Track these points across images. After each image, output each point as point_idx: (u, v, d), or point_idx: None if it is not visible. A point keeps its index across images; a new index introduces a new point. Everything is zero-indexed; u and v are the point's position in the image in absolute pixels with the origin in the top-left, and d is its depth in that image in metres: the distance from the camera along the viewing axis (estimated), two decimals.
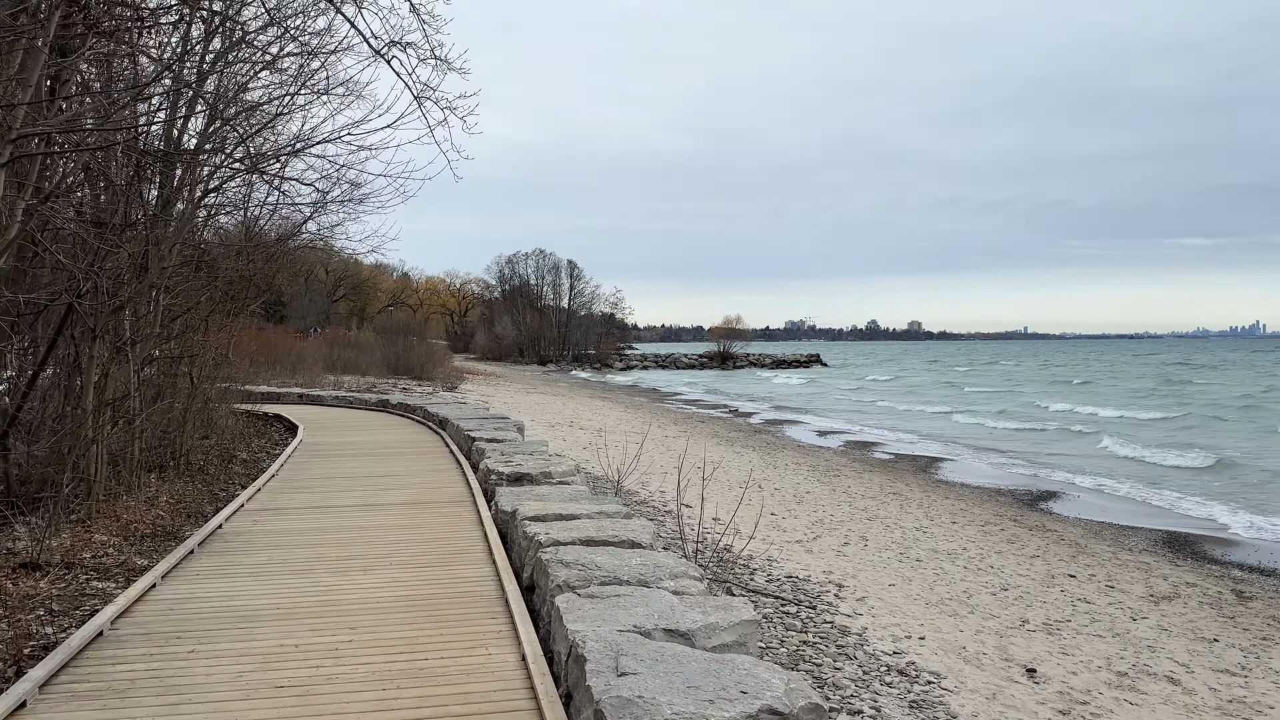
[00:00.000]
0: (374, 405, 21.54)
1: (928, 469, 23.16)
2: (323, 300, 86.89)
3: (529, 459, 10.07)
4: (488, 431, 13.11)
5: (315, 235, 15.22)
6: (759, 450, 24.55)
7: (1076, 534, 15.02)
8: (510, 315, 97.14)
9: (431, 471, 11.34)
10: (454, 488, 10.04)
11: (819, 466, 21.79)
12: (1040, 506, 18.14)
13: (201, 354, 12.14)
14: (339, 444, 14.35)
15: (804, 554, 11.74)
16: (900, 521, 14.91)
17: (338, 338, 53.90)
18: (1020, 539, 14.13)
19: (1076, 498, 19.22)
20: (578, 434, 24.78)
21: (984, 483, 20.99)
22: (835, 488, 18.35)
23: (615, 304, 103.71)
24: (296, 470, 11.63)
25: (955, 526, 14.87)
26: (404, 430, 16.59)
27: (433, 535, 7.67)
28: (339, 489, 10.15)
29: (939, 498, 18.09)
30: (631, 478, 15.41)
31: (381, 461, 12.29)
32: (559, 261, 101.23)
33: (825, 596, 9.52)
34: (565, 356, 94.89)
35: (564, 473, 9.26)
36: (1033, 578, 11.56)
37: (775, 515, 14.48)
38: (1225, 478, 22.32)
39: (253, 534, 7.87)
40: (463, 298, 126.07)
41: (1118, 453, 26.99)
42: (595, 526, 6.26)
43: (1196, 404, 45.40)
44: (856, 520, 14.66)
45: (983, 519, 15.80)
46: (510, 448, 11.22)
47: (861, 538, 13.17)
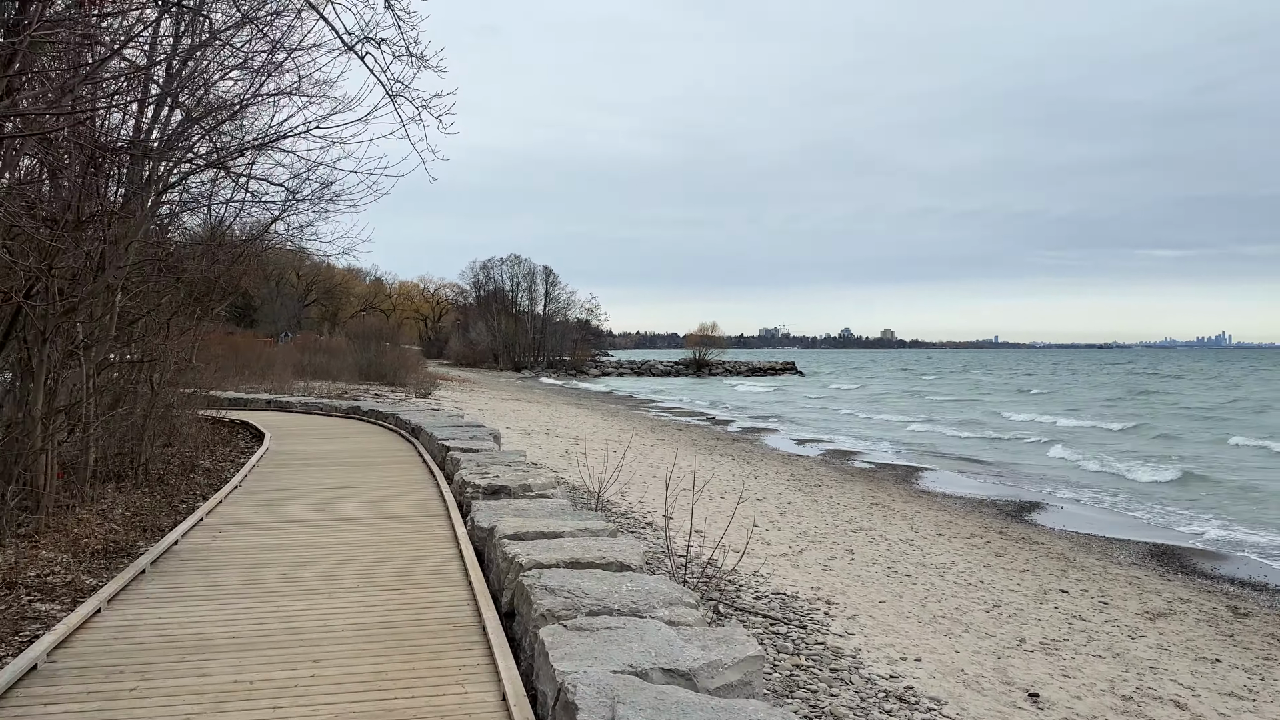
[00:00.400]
0: (344, 412, 20.97)
1: (908, 479, 22.89)
2: (294, 305, 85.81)
3: (506, 470, 9.61)
4: (463, 440, 12.64)
5: (284, 235, 14.67)
6: (738, 459, 24.18)
7: (1064, 547, 14.74)
8: (485, 321, 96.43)
9: (403, 483, 10.86)
10: (427, 501, 9.57)
11: (800, 476, 21.45)
12: (1024, 518, 17.87)
13: (163, 358, 11.59)
14: (306, 453, 13.82)
15: (790, 568, 11.36)
16: (885, 534, 14.57)
17: (309, 343, 53.10)
18: (1008, 552, 13.83)
19: (1059, 509, 18.99)
20: (554, 442, 24.30)
21: (965, 493, 20.73)
22: (818, 498, 18.00)
23: (591, 310, 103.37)
24: (261, 481, 11.10)
25: (941, 539, 14.54)
26: (375, 438, 16.06)
27: (404, 553, 7.20)
28: (305, 501, 9.65)
29: (922, 509, 17.78)
30: (611, 488, 14.97)
31: (351, 472, 11.78)
32: (534, 267, 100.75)
33: (815, 615, 9.13)
34: (540, 363, 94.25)
35: (543, 485, 8.81)
36: (1025, 593, 11.23)
37: (759, 527, 14.09)
38: (1195, 490, 22.17)
39: (210, 551, 7.37)
40: (437, 303, 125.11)
41: (1088, 466, 26.72)
42: (580, 546, 5.83)
43: (1160, 415, 45.42)
44: (841, 532, 14.30)
45: (968, 531, 15.50)
46: (486, 458, 10.76)
47: (848, 551, 12.81)
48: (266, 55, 10.51)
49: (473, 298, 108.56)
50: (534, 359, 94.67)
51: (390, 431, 17.07)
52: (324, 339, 61.31)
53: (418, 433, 15.16)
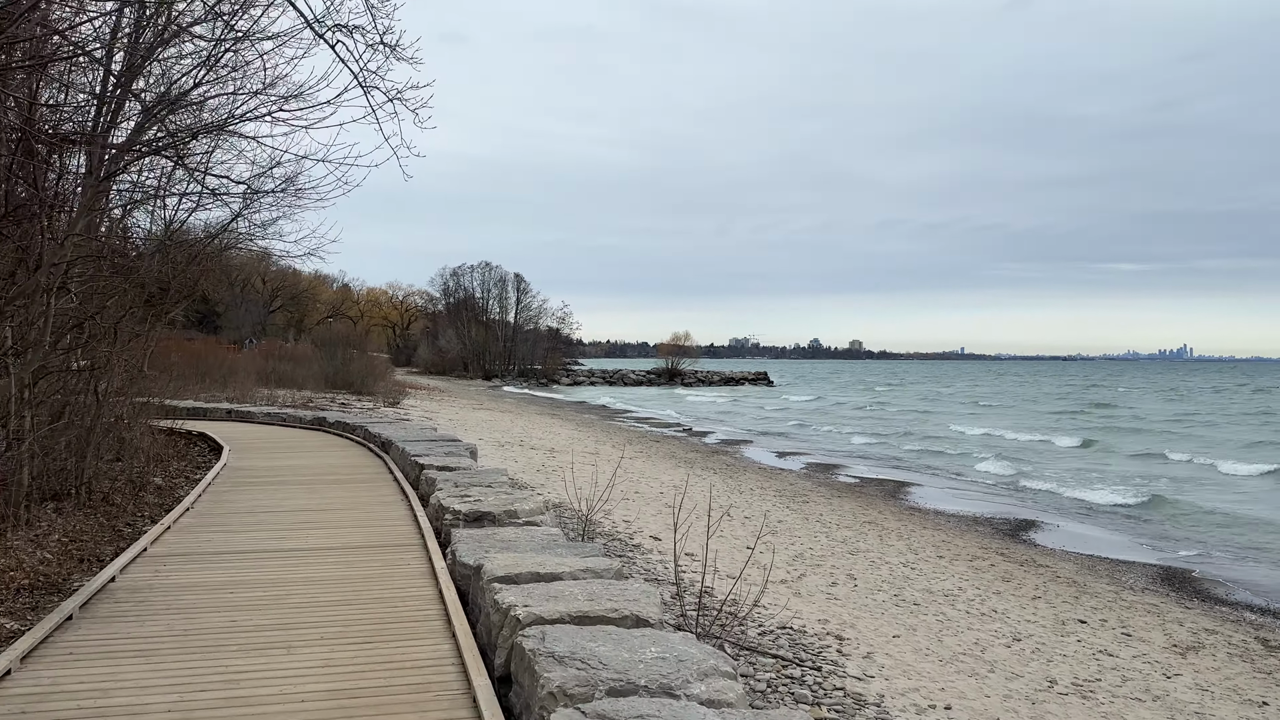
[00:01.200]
0: (310, 423, 19.93)
1: (896, 495, 22.19)
2: (259, 310, 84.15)
3: (489, 493, 8.72)
4: (438, 457, 11.72)
5: (246, 234, 13.68)
6: (720, 473, 23.38)
7: (1070, 570, 14.05)
8: (455, 328, 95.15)
9: (373, 504, 9.92)
10: (400, 527, 8.65)
11: (786, 491, 20.68)
12: (1022, 537, 17.21)
13: (108, 366, 10.58)
14: (267, 469, 12.82)
15: (792, 596, 10.55)
16: (884, 556, 13.81)
17: (274, 349, 51.73)
18: (1015, 576, 13.11)
19: (1055, 528, 18.35)
20: (529, 454, 23.37)
21: (957, 510, 20.06)
22: (808, 515, 17.23)
23: (563, 319, 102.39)
24: (216, 502, 10.13)
25: (943, 561, 13.81)
26: (342, 453, 15.08)
27: (376, 594, 6.29)
28: (263, 527, 8.69)
29: (917, 527, 17.07)
30: (597, 507, 14.10)
31: (315, 492, 10.82)
32: (505, 274, 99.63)
33: (827, 653, 8.32)
34: (511, 371, 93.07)
35: (531, 511, 7.93)
36: (1042, 624, 10.49)
37: (752, 549, 13.27)
38: (1165, 510, 21.44)
39: (152, 590, 6.42)
40: (405, 310, 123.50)
41: (1035, 486, 25.67)
42: (585, 592, 4.97)
43: (1117, 432, 43.81)
44: (839, 555, 13.52)
45: (969, 552, 14.78)
46: (465, 477, 9.85)
47: (849, 575, 12.02)
48: (230, 45, 9.60)
49: (442, 305, 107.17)
50: (504, 368, 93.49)
51: (358, 445, 16.08)
52: (289, 346, 59.92)
53: (388, 447, 14.21)
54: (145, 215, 12.90)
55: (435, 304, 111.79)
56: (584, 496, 13.33)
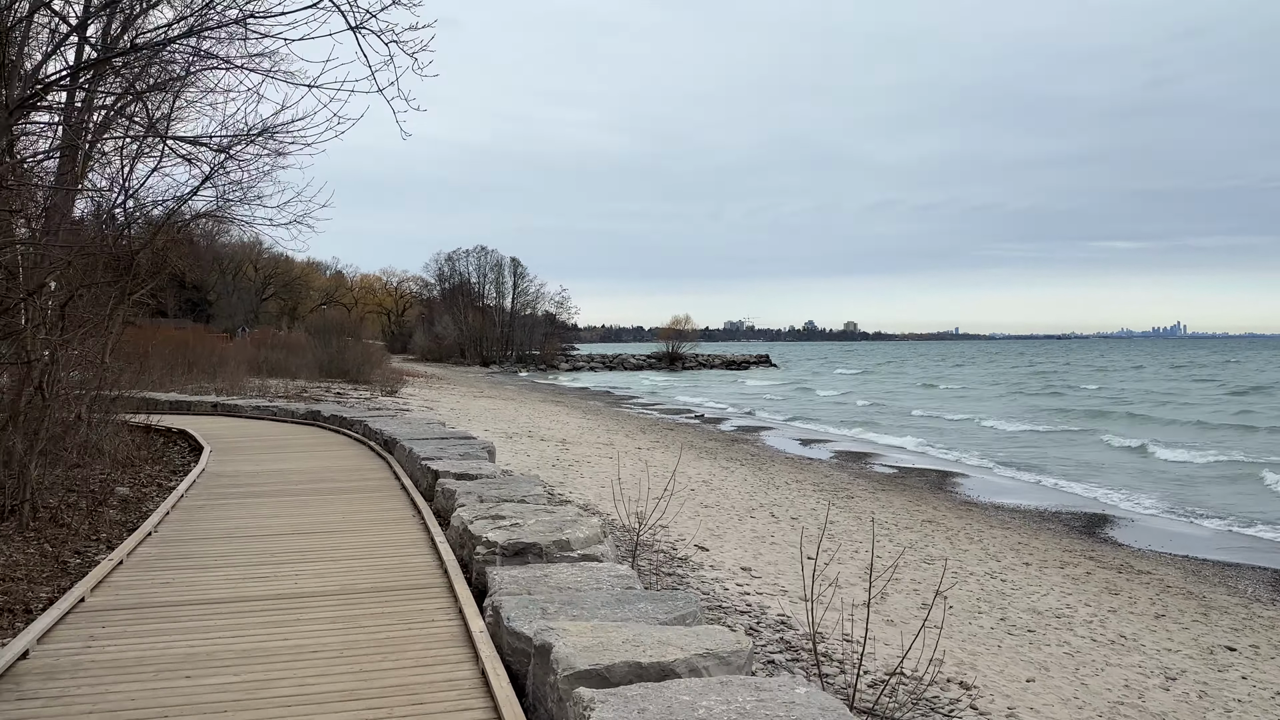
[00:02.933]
0: (302, 417, 18.06)
1: (943, 486, 20.43)
2: (251, 299, 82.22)
3: (525, 512, 6.88)
4: (452, 459, 9.88)
5: (220, 199, 11.79)
6: (748, 465, 21.59)
7: (1175, 576, 12.29)
8: (451, 314, 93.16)
9: (379, 524, 8.08)
10: (415, 558, 6.81)
11: (824, 485, 18.90)
12: (1099, 534, 15.46)
13: (51, 358, 8.71)
14: (252, 475, 10.96)
15: (885, 626, 8.76)
16: (963, 563, 12.04)
17: (266, 338, 49.80)
18: (1120, 587, 11.33)
19: (1129, 522, 16.59)
20: (540, 447, 21.54)
21: (1017, 503, 18.30)
22: (859, 515, 15.45)
23: (561, 303, 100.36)
24: (186, 522, 8.28)
25: (1031, 570, 12.04)
26: (338, 453, 13.22)
27: (391, 680, 4.45)
28: (238, 560, 6.85)
29: (983, 526, 15.30)
30: (614, 505, 12.31)
31: (306, 506, 8.97)
32: (501, 259, 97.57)
33: (961, 711, 6.54)
34: (509, 357, 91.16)
35: (586, 540, 6.10)
36: (1188, 654, 8.73)
37: (812, 560, 11.48)
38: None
39: (76, 674, 4.58)
40: (400, 296, 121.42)
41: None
42: (723, 703, 3.14)
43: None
44: (912, 565, 11.74)
45: (1054, 557, 13.02)
46: (490, 488, 8.02)
47: (940, 595, 10.23)
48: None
49: (437, 291, 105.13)
50: (502, 354, 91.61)
51: (357, 443, 14.23)
52: (283, 334, 58.01)
53: (392, 446, 12.37)
54: (99, 178, 10.98)
55: (430, 290, 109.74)
56: (617, 497, 11.53)
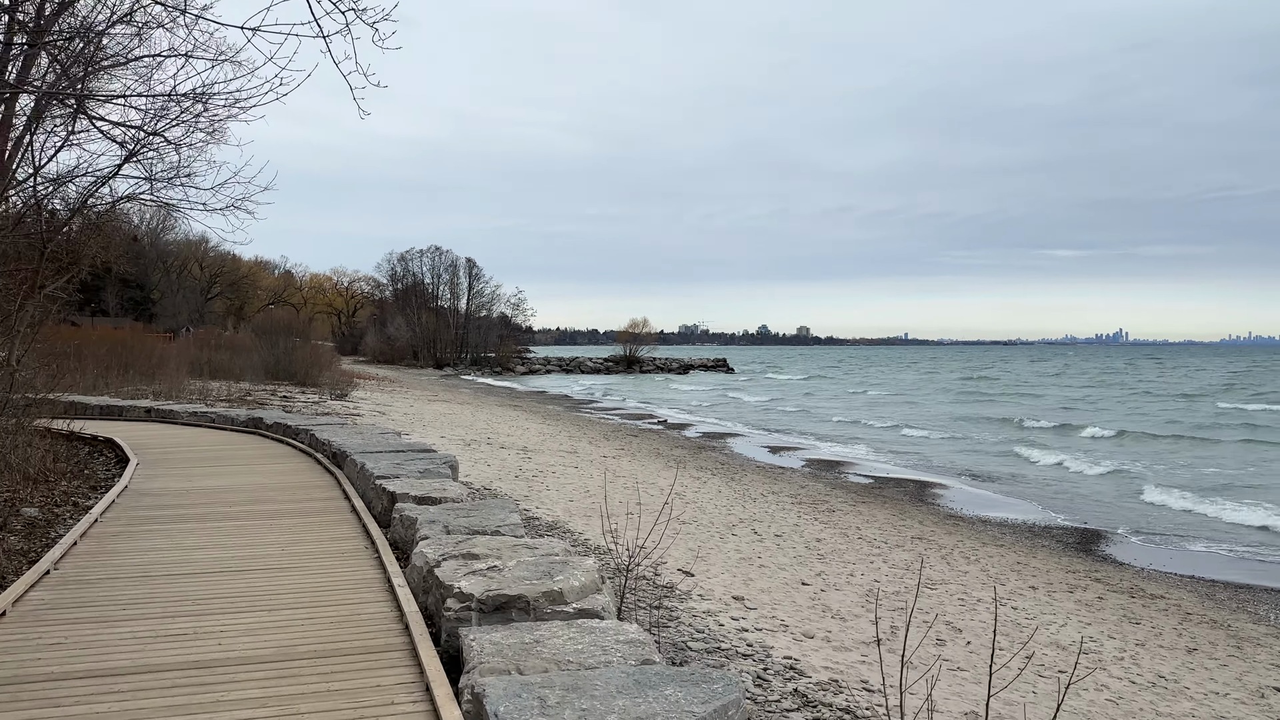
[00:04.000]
0: (244, 425, 16.68)
1: (923, 498, 19.58)
2: (197, 298, 79.72)
3: (504, 549, 5.75)
4: (411, 477, 8.69)
5: (147, 179, 10.47)
6: (719, 475, 20.58)
7: (1191, 602, 11.47)
8: (404, 315, 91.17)
9: (326, 558, 6.88)
10: (367, 608, 5.62)
11: (801, 497, 17.94)
12: (1096, 552, 14.68)
13: None
14: (180, 495, 9.66)
15: (909, 674, 7.73)
16: (966, 588, 11.11)
17: (210, 338, 47.86)
18: (1139, 616, 10.47)
19: (1123, 540, 15.82)
20: (501, 455, 20.33)
21: (1002, 516, 17.50)
22: (844, 530, 14.49)
23: (517, 305, 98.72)
24: (94, 556, 7.00)
25: (1039, 594, 11.15)
26: (281, 467, 11.92)
27: None
28: (152, 609, 5.62)
29: (974, 543, 14.43)
30: (586, 521, 11.19)
31: (242, 533, 7.73)
32: (456, 259, 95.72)
33: None
34: (464, 360, 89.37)
35: (582, 589, 4.98)
36: (1235, 697, 7.85)
37: (808, 586, 10.48)
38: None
39: None
40: (351, 297, 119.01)
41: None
42: None
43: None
44: (914, 592, 10.75)
45: (1060, 580, 12.15)
46: (458, 515, 6.86)
47: (950, 626, 9.27)
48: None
49: (390, 291, 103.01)
50: (457, 356, 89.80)
51: (302, 455, 12.94)
52: (228, 334, 56.00)
53: (341, 460, 11.12)
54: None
55: (382, 290, 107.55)
56: (599, 514, 10.41)
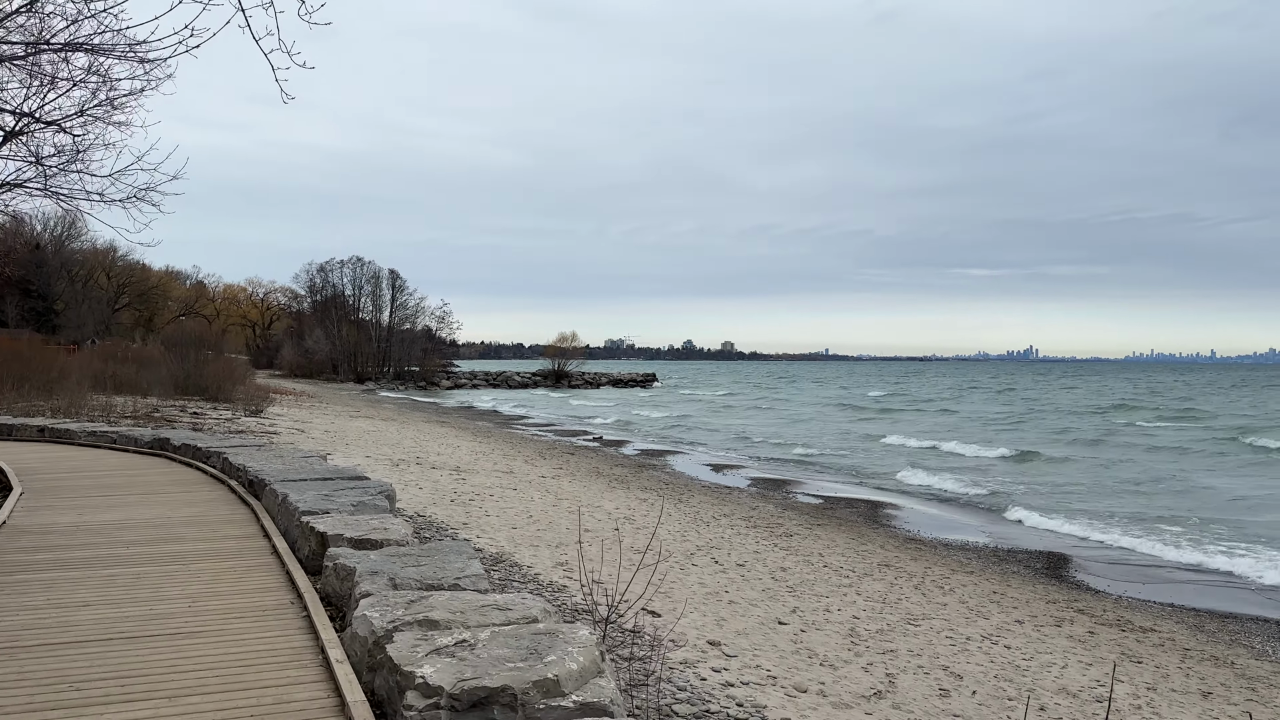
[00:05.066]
0: (148, 446, 15.11)
1: (877, 518, 18.87)
2: (103, 309, 76.03)
3: (465, 609, 4.63)
4: (343, 512, 7.48)
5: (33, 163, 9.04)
6: (666, 496, 19.57)
7: (1183, 635, 10.83)
8: (323, 328, 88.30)
9: (239, 623, 5.64)
10: (296, 695, 4.41)
11: (754, 520, 17.04)
12: (1066, 577, 14.09)
13: None
14: (68, 532, 8.26)
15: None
16: (953, 625, 10.27)
17: (116, 350, 45.18)
18: (1139, 654, 9.76)
19: (1085, 565, 15.26)
20: (433, 476, 18.99)
21: (959, 538, 16.88)
22: (807, 557, 13.60)
23: (442, 318, 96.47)
24: None
25: (1027, 629, 10.38)
26: (189, 496, 10.51)
27: None
28: (14, 701, 4.35)
29: (944, 569, 13.68)
30: (541, 554, 10.05)
31: (137, 585, 6.42)
32: (379, 270, 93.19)
33: None
34: (386, 374, 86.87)
35: (581, 673, 3.90)
36: None
37: (786, 625, 9.51)
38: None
39: None
40: (267, 308, 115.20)
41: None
42: None
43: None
44: (899, 629, 9.88)
45: (1038, 610, 11.43)
46: (404, 561, 5.71)
47: (950, 673, 8.38)
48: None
49: (308, 303, 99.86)
50: (379, 370, 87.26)
51: (214, 482, 11.54)
52: (136, 346, 53.18)
53: (259, 489, 9.80)
54: None
55: (300, 302, 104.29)
56: (526, 540, 9.30)
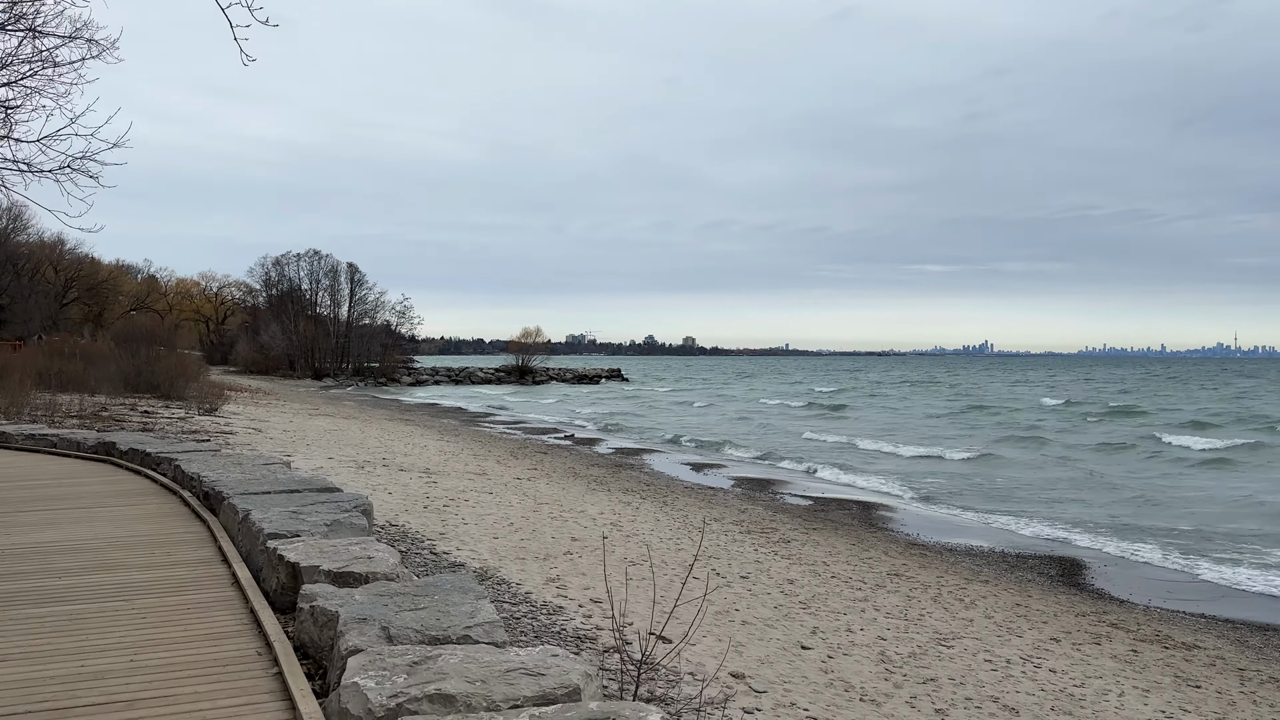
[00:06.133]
0: (92, 450, 13.81)
1: (872, 520, 18.04)
2: (51, 304, 73.40)
3: (486, 675, 3.61)
4: (315, 534, 6.39)
5: None
6: (649, 498, 18.59)
7: (1231, 653, 10.05)
8: (279, 323, 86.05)
9: (195, 682, 4.53)
10: None
11: (747, 524, 16.12)
12: (1087, 585, 13.30)
13: None
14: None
15: None
16: (985, 643, 9.39)
17: (63, 346, 43.18)
18: (1193, 676, 8.94)
19: (1102, 569, 14.51)
20: (402, 480, 17.82)
21: (963, 542, 16.07)
22: (811, 566, 12.69)
23: (403, 313, 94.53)
24: None
25: (1065, 648, 9.52)
26: (136, 511, 9.30)
27: None
28: None
29: (957, 578, 12.83)
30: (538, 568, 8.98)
31: (70, 631, 5.29)
32: (337, 264, 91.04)
33: None
34: (345, 370, 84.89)
35: None
36: None
37: (810, 651, 8.54)
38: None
39: None
40: (220, 303, 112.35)
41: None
42: None
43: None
44: (931, 651, 8.96)
45: (1070, 624, 10.62)
46: (399, 603, 4.65)
47: (1004, 707, 7.47)
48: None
49: (264, 297, 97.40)
50: (337, 366, 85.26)
51: (163, 493, 10.32)
52: (84, 342, 51.10)
53: (215, 502, 8.64)
54: None
55: (255, 296, 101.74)
56: (510, 551, 8.26)
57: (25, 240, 73.28)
